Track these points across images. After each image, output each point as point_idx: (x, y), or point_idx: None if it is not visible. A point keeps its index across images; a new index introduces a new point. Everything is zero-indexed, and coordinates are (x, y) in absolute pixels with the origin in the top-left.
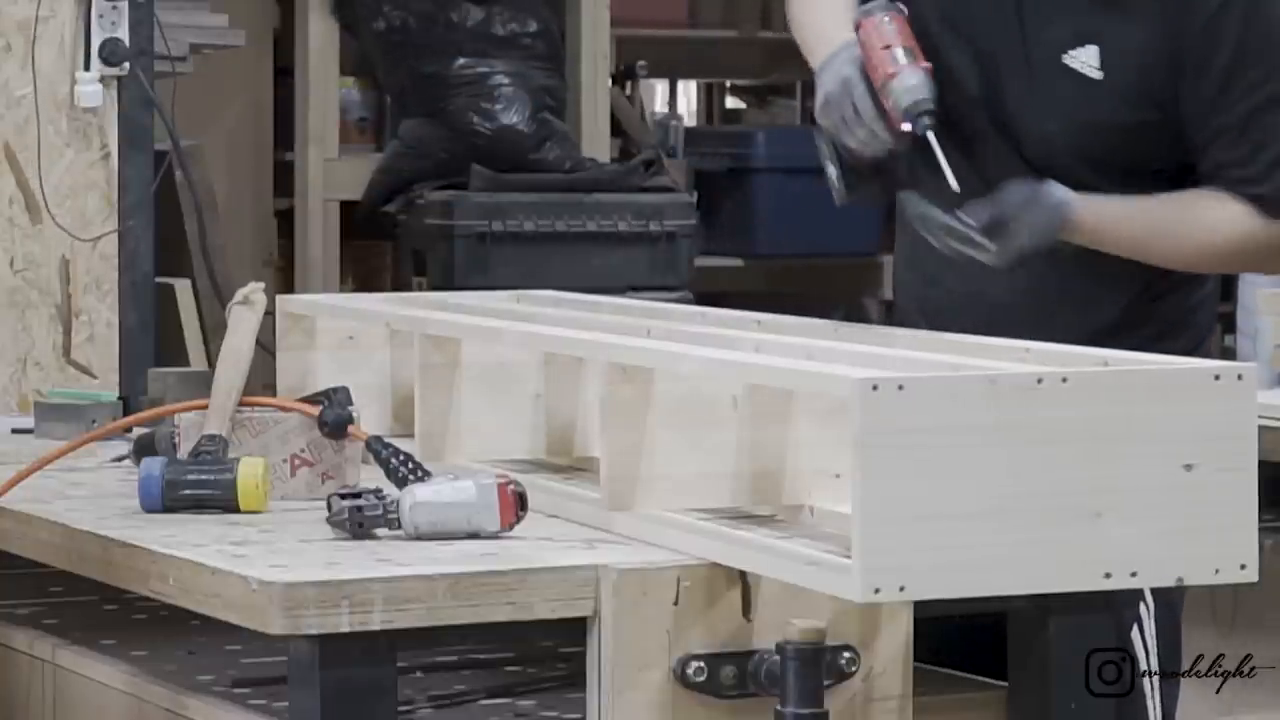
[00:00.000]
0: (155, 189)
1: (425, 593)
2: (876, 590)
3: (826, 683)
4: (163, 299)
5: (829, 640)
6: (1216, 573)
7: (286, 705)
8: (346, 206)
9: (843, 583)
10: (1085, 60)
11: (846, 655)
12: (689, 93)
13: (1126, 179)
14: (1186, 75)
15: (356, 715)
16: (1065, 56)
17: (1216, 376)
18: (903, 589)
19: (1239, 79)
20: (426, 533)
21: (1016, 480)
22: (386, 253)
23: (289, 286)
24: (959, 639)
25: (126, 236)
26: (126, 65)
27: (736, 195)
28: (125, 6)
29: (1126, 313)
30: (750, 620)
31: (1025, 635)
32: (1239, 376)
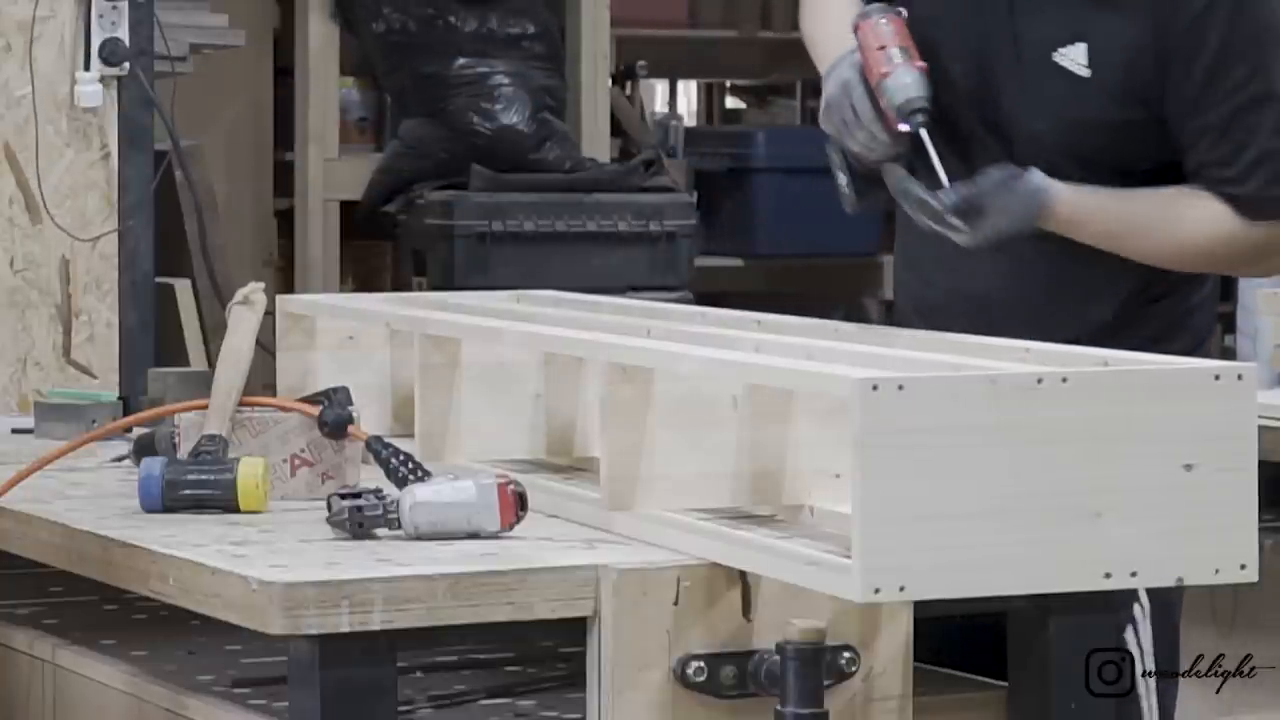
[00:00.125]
0: (155, 189)
1: (425, 593)
2: (876, 590)
3: (826, 683)
4: (163, 299)
5: (829, 640)
6: (1216, 573)
7: (286, 705)
8: (346, 206)
9: (843, 583)
10: (1074, 58)
11: (846, 655)
12: (689, 93)
13: (1116, 178)
14: (1171, 73)
15: (356, 715)
16: (1055, 54)
17: (1216, 376)
18: (903, 589)
19: (1222, 78)
20: (426, 533)
21: (1016, 480)
22: (386, 253)
23: (289, 286)
24: (959, 639)
25: (126, 236)
26: (126, 65)
27: (736, 195)
28: (125, 6)
29: (1123, 313)
30: (750, 620)
31: (1025, 635)
32: (1239, 376)
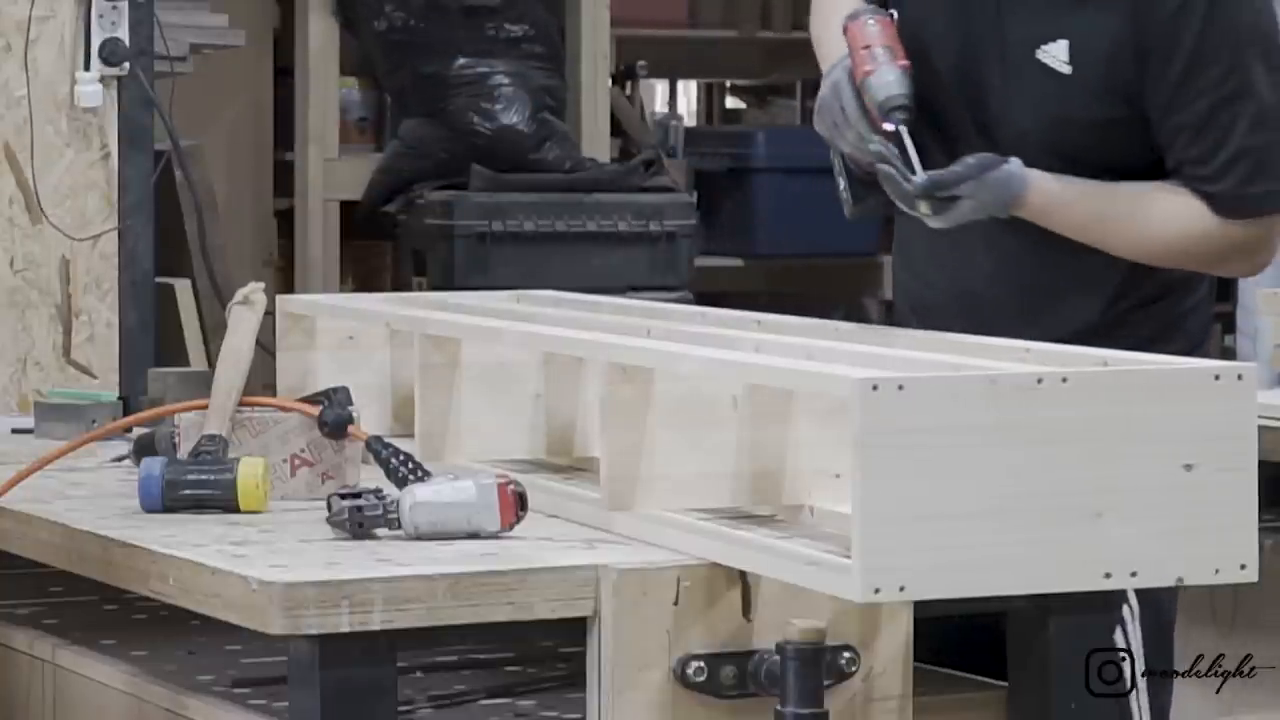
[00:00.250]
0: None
1: (425, 593)
2: (876, 590)
3: (826, 683)
4: (163, 299)
5: (829, 640)
6: (1216, 573)
7: (286, 705)
8: (346, 206)
9: (843, 583)
10: (1056, 55)
11: (846, 655)
12: (689, 93)
13: (1104, 176)
14: (1150, 70)
15: (356, 715)
16: (1038, 52)
17: (1216, 376)
18: (903, 589)
19: (1197, 76)
20: (426, 533)
21: (1016, 480)
22: (386, 253)
23: (289, 286)
24: (959, 639)
25: (126, 236)
26: (126, 65)
27: (736, 195)
28: (125, 6)
29: (1114, 313)
30: (750, 620)
31: (1025, 635)
32: (1239, 376)
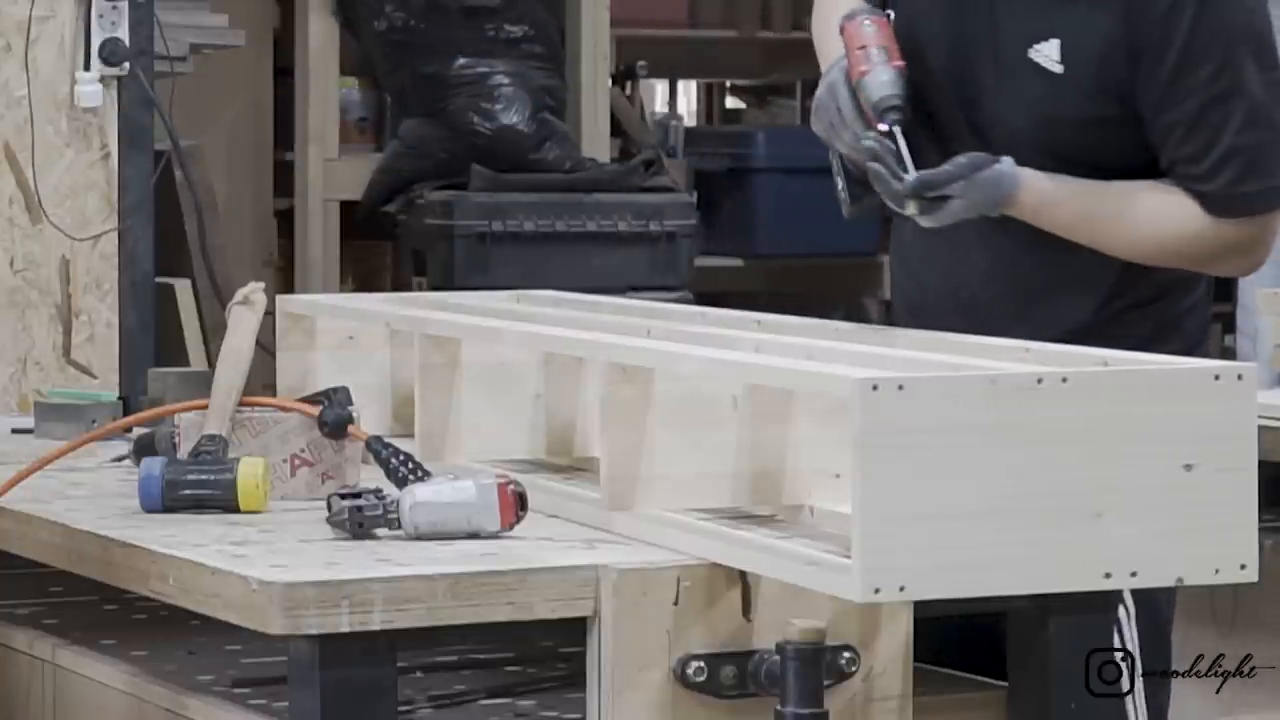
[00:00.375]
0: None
1: (425, 593)
2: (876, 590)
3: (826, 683)
4: (163, 299)
5: (829, 640)
6: (1216, 573)
7: (286, 705)
8: (346, 206)
9: (843, 583)
10: (1047, 54)
11: (846, 655)
12: (689, 93)
13: (1099, 176)
14: (1141, 68)
15: (356, 715)
16: (1031, 51)
17: (1216, 376)
18: (903, 589)
19: (1188, 75)
20: (426, 533)
21: (1016, 480)
22: (386, 253)
23: (289, 286)
24: (959, 639)
25: (126, 236)
26: (126, 65)
27: (736, 195)
28: (125, 6)
29: (1109, 313)
30: (750, 620)
31: (1025, 635)
32: (1239, 376)
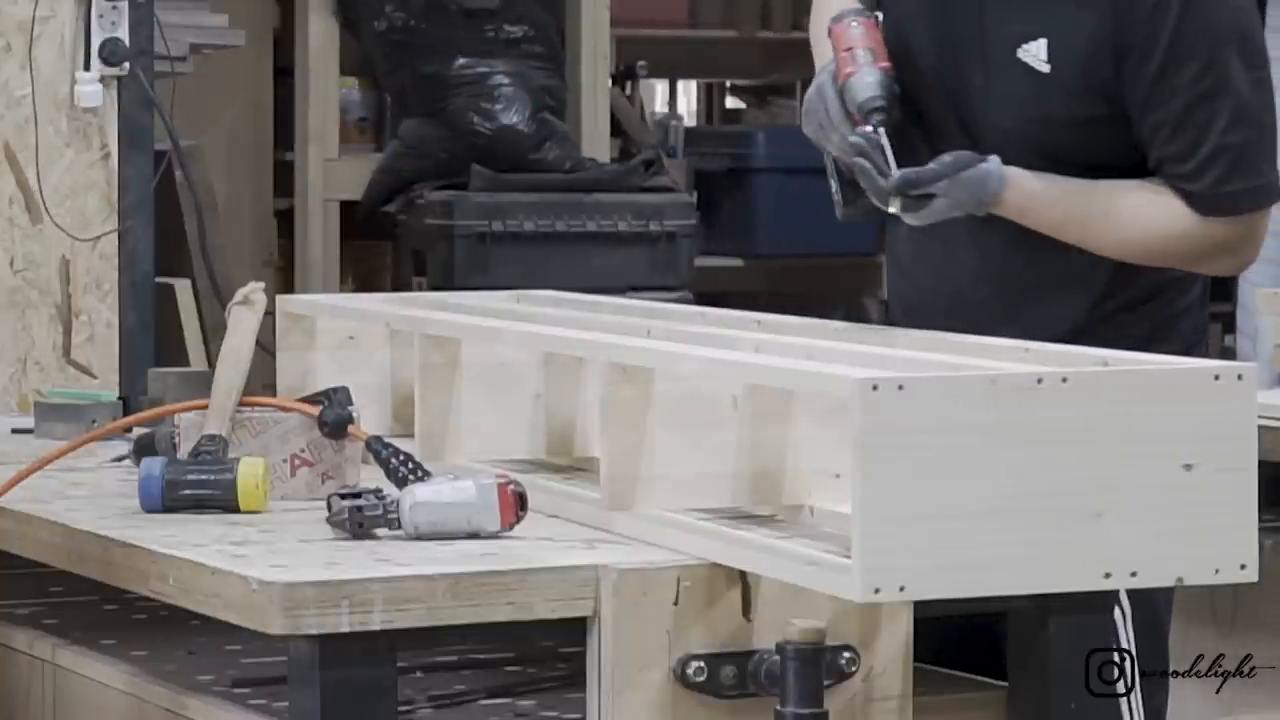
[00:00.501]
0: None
1: (425, 593)
2: (876, 590)
3: (826, 683)
4: (163, 299)
5: (829, 640)
6: (1216, 573)
7: (286, 705)
8: (346, 206)
9: (843, 583)
10: (1035, 54)
11: (846, 655)
12: (689, 93)
13: (1090, 175)
14: (1128, 68)
15: (356, 715)
16: (1019, 51)
17: (1216, 376)
18: (903, 589)
19: (1174, 74)
20: (426, 533)
21: (1016, 480)
22: (386, 253)
23: (289, 286)
24: (959, 639)
25: (126, 236)
26: (126, 65)
27: (736, 195)
28: (125, 6)
29: (1104, 313)
30: (750, 620)
31: (1025, 635)
32: (1239, 376)
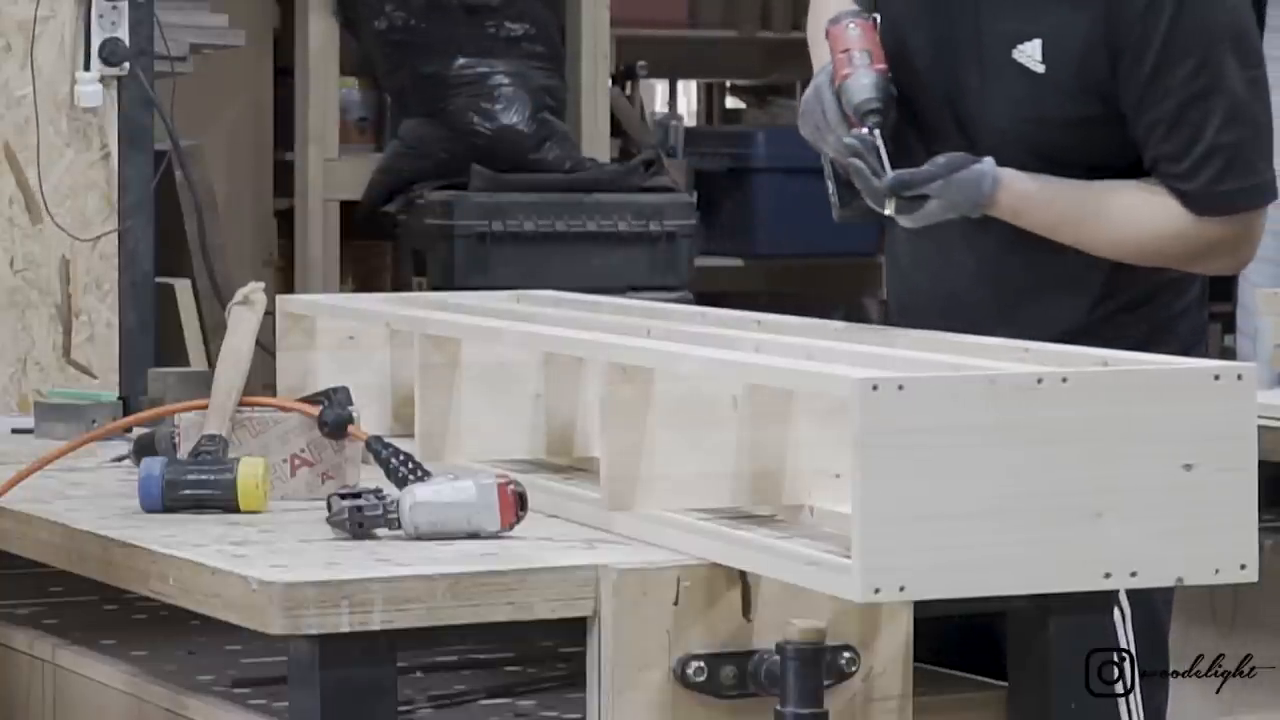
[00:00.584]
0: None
1: (425, 593)
2: (876, 590)
3: (826, 683)
4: (163, 299)
5: (829, 640)
6: (1216, 573)
7: (286, 705)
8: (346, 206)
9: (843, 583)
10: (1030, 54)
11: (846, 655)
12: (689, 93)
13: (1087, 175)
14: (1122, 67)
15: (356, 715)
16: (1014, 51)
17: (1216, 376)
18: (903, 589)
19: (1167, 73)
20: (426, 533)
21: (1016, 480)
22: (386, 253)
23: (289, 286)
24: (959, 639)
25: (126, 236)
26: (126, 65)
27: (736, 195)
28: (125, 6)
29: (1102, 315)
30: (750, 620)
31: (1025, 635)
32: (1239, 376)
